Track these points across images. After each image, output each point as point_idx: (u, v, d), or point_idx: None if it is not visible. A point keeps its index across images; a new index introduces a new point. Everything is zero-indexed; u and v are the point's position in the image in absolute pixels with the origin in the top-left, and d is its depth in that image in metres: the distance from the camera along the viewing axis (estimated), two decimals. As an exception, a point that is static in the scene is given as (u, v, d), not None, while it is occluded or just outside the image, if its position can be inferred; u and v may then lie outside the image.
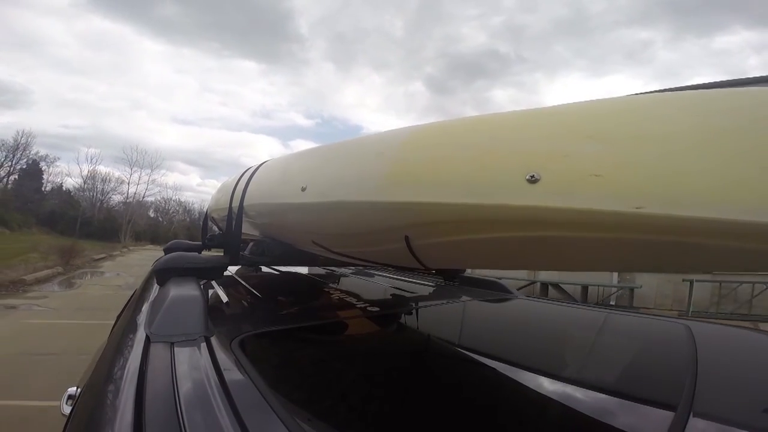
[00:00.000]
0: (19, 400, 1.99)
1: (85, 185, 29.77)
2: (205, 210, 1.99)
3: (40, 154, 26.11)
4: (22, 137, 24.28)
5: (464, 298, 1.26)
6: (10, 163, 23.71)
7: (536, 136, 0.47)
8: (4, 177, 23.30)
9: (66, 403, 0.85)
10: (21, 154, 24.40)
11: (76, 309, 4.99)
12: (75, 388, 0.82)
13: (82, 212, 25.77)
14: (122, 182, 31.23)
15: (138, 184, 31.83)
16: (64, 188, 29.18)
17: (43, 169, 26.58)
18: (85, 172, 30.34)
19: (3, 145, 23.20)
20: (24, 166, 24.92)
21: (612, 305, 6.42)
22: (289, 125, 79.12)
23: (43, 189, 26.80)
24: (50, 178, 27.95)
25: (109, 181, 30.90)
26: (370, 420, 0.52)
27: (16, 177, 24.35)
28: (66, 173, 32.25)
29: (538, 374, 0.71)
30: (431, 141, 0.58)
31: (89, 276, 9.11)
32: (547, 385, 0.67)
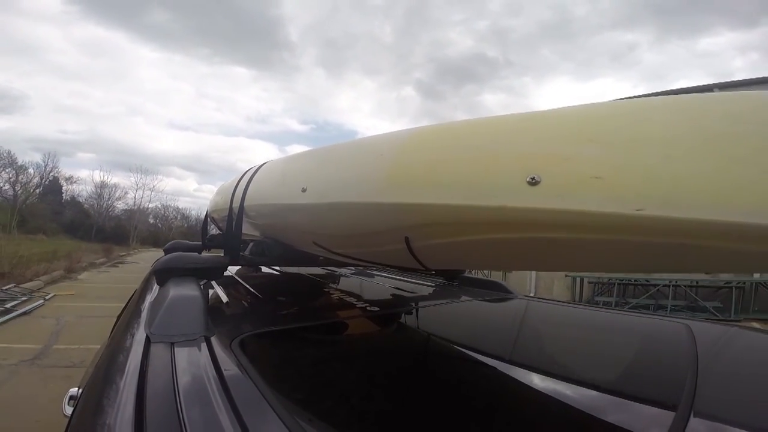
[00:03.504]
0: (126, 283, 6.90)
1: (97, 194, 33.84)
2: (202, 215, 2.01)
3: (65, 176, 31.88)
4: (48, 158, 30.16)
5: (464, 298, 1.26)
6: (41, 182, 29.47)
7: (537, 138, 0.47)
8: (40, 194, 28.61)
9: (68, 404, 0.85)
10: (49, 174, 29.97)
11: (127, 272, 11.43)
12: (77, 389, 0.82)
13: (96, 221, 30.52)
14: (126, 192, 35.10)
15: (143, 194, 35.22)
16: (76, 200, 33.43)
17: (62, 184, 31.83)
18: (96, 180, 34.20)
19: (38, 167, 29.27)
20: (46, 182, 30.28)
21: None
22: (285, 130, 79.23)
23: (62, 201, 31.43)
24: (69, 191, 32.97)
25: (115, 190, 34.78)
26: (371, 420, 0.52)
27: (40, 191, 29.35)
28: (82, 183, 36.64)
29: (538, 374, 0.71)
30: (431, 143, 0.58)
31: (123, 263, 15.57)
32: (547, 385, 0.67)
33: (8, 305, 5.57)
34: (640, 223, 0.38)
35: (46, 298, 6.55)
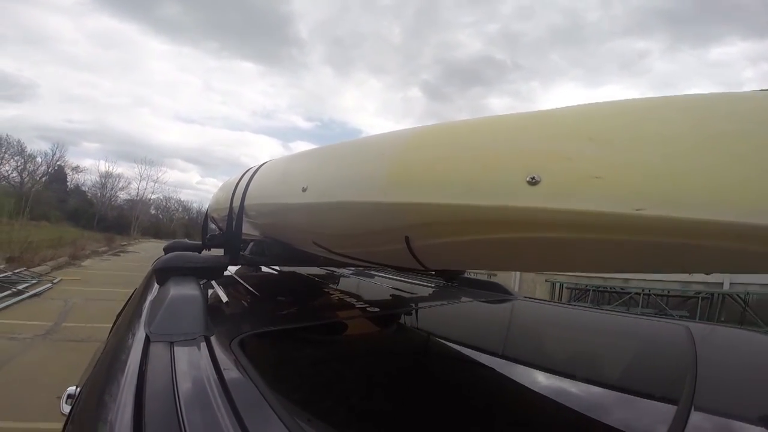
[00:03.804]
0: (128, 271, 8.48)
1: (101, 184, 35.13)
2: (204, 209, 2.01)
3: (72, 166, 33.35)
4: (57, 148, 31.52)
5: (464, 299, 1.26)
6: (47, 171, 30.74)
7: (537, 137, 0.47)
8: (45, 182, 29.81)
9: (65, 403, 0.85)
10: (56, 163, 31.52)
11: (128, 261, 12.47)
12: (75, 388, 0.82)
13: (99, 210, 31.51)
14: (129, 182, 36.24)
15: (146, 185, 36.27)
16: (80, 189, 34.61)
17: (67, 173, 33.18)
18: (102, 170, 35.47)
19: (46, 155, 30.65)
20: (52, 171, 31.64)
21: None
22: (290, 126, 79.95)
23: (67, 190, 32.53)
24: (74, 179, 34.34)
25: (118, 180, 35.93)
26: (370, 420, 0.52)
27: (46, 179, 30.44)
28: (87, 173, 37.26)
29: (538, 375, 0.71)
30: (432, 142, 0.58)
31: (125, 251, 16.98)
32: (547, 386, 0.67)
33: (20, 287, 6.11)
34: (640, 222, 0.38)
35: (54, 281, 7.19)
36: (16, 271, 7.21)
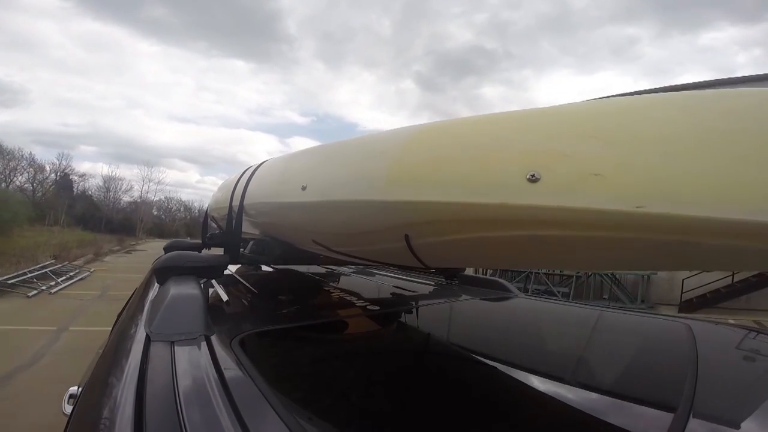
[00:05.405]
0: (141, 263, 9.77)
1: (105, 188, 36.81)
2: (204, 207, 2.02)
3: (79, 173, 35.34)
4: (62, 158, 33.74)
5: (464, 297, 1.25)
6: (56, 179, 32.92)
7: (537, 135, 0.47)
8: (54, 191, 31.40)
9: (67, 403, 0.85)
10: (62, 172, 33.56)
11: (139, 257, 15.03)
12: (76, 388, 0.83)
13: (104, 213, 33.24)
14: (132, 186, 38.04)
15: (148, 187, 37.58)
16: (86, 194, 35.98)
17: (73, 179, 34.83)
18: (105, 174, 37.43)
19: (53, 166, 32.72)
20: (58, 178, 33.54)
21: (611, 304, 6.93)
22: (286, 123, 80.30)
23: (74, 196, 33.95)
24: (80, 185, 35.95)
25: (121, 183, 37.55)
26: (370, 419, 0.52)
27: (53, 186, 32.20)
28: (90, 175, 38.92)
29: (538, 373, 0.71)
30: (432, 140, 0.58)
31: (135, 250, 20.09)
32: (547, 385, 0.67)
33: (70, 274, 9.51)
34: (640, 220, 0.38)
35: (91, 271, 10.73)
36: (62, 264, 10.31)
